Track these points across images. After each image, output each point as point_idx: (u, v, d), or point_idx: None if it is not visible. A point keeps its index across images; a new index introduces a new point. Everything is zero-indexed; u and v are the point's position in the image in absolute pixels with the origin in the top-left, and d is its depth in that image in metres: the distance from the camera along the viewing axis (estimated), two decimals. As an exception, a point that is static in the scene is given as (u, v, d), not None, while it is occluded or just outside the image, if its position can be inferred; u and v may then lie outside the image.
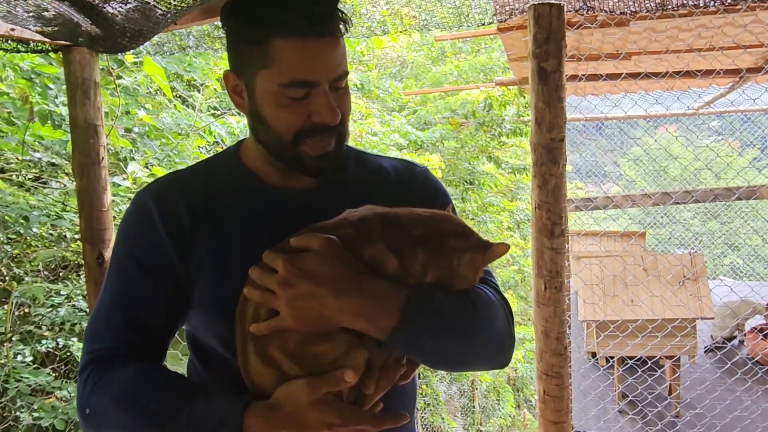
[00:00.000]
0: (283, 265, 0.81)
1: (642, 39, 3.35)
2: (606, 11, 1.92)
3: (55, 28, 1.81)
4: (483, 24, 2.25)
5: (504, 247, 0.89)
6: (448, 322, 0.85)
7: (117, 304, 0.94)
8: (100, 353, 0.92)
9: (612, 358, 3.67)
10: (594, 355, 4.16)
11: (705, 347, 4.39)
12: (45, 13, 1.66)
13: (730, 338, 4.41)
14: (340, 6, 0.91)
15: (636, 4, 1.83)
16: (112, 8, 1.49)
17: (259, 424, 0.82)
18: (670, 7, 1.86)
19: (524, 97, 6.59)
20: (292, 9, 0.86)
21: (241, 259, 0.89)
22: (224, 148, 1.13)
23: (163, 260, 0.94)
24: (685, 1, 1.84)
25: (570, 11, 1.92)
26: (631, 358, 3.50)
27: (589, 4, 1.81)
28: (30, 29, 1.94)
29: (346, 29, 0.91)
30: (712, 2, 1.84)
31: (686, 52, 3.64)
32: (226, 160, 1.04)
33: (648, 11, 1.85)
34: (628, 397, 3.58)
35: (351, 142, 4.67)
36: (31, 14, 1.67)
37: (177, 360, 3.05)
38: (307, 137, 0.92)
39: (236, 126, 4.00)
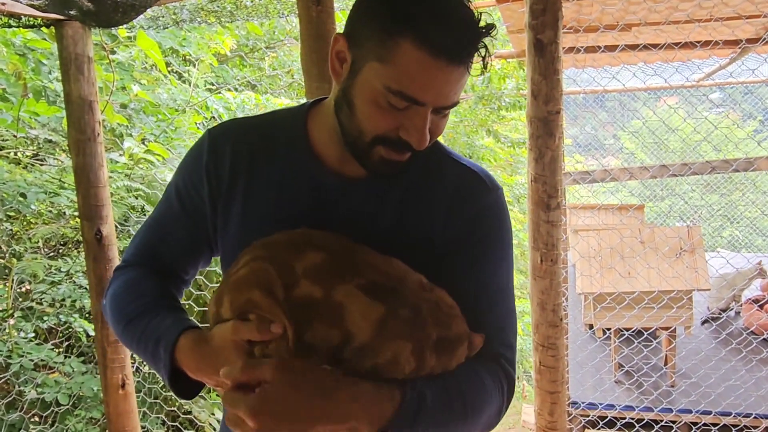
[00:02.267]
0: (246, 409, 0.73)
1: (642, 10, 3.32)
2: (603, -19, 1.89)
3: (46, 2, 1.79)
4: (479, -5, 2.23)
5: (479, 341, 0.89)
6: (437, 422, 0.81)
7: (152, 225, 1.04)
8: (128, 263, 1.04)
9: (609, 329, 3.70)
10: (591, 326, 4.20)
11: (701, 318, 4.43)
12: (35, -13, 1.64)
13: (726, 309, 4.45)
14: (486, 41, 0.83)
15: (634, -26, 1.80)
16: (103, -19, 1.47)
17: (187, 350, 0.86)
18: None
19: (523, 70, 6.54)
20: (439, 20, 0.78)
21: (268, 227, 0.90)
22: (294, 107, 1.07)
23: (199, 200, 0.99)
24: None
25: (567, -19, 1.89)
26: (627, 329, 3.53)
27: (586, -26, 1.78)
28: (21, 2, 1.92)
29: (484, 66, 0.85)
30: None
31: (686, 23, 3.60)
32: (292, 120, 1.00)
33: (646, -20, 1.83)
34: (624, 367, 3.62)
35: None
36: (21, -12, 1.65)
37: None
38: (385, 144, 0.86)
39: (233, 101, 3.98)
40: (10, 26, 2.04)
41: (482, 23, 0.82)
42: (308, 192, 0.95)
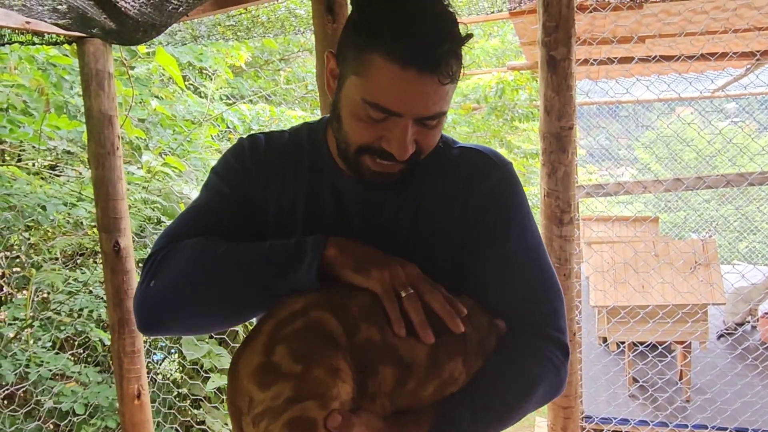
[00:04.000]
0: None
1: (656, 22, 3.32)
2: (616, -2, 1.91)
3: (69, 21, 1.84)
4: (493, 11, 2.25)
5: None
6: (483, 425, 0.87)
7: (194, 212, 1.00)
8: (167, 243, 0.95)
9: (623, 343, 3.68)
10: (605, 340, 4.17)
11: (717, 333, 4.38)
12: (60, 7, 1.68)
13: (742, 324, 4.40)
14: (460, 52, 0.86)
15: (646, -9, 1.81)
16: (126, 2, 1.51)
17: (341, 243, 0.88)
18: (681, -7, 1.84)
19: (536, 81, 6.54)
20: (407, 33, 0.80)
21: (297, 233, 0.96)
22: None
23: (242, 192, 0.99)
24: (696, -13, 1.82)
25: (580, -2, 1.91)
26: (641, 343, 3.51)
27: (599, -8, 1.80)
28: (45, 21, 1.97)
29: (456, 74, 0.85)
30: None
31: (701, 35, 3.59)
32: (314, 132, 1.04)
33: (659, -2, 1.84)
34: (638, 381, 3.60)
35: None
36: (46, 8, 1.70)
37: (193, 345, 3.11)
38: (371, 154, 0.89)
39: (248, 113, 4.03)
40: (33, 43, 2.10)
41: (455, 34, 0.84)
42: (331, 198, 0.99)
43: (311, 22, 2.09)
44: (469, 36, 0.86)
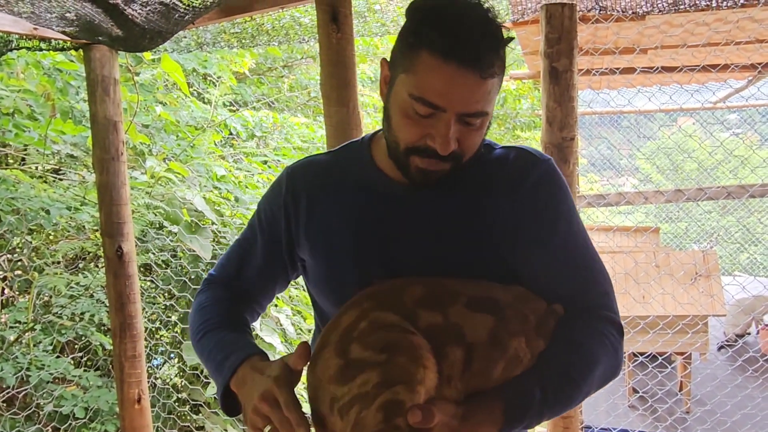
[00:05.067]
0: None
1: (658, 34, 3.34)
2: (618, 11, 1.93)
3: (77, 29, 1.86)
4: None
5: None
6: (550, 409, 0.88)
7: (237, 246, 1.17)
8: (214, 278, 1.17)
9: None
10: (605, 350, 4.16)
11: (718, 344, 4.38)
12: (68, 14, 1.70)
13: (743, 335, 4.40)
14: (503, 51, 0.91)
15: (648, 4, 1.83)
16: (133, 10, 1.53)
17: (243, 371, 0.95)
18: (683, 6, 1.86)
19: (538, 90, 6.56)
20: (451, 29, 0.87)
21: (346, 244, 1.01)
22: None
23: (276, 227, 1.11)
24: (698, 1, 1.84)
25: (582, 11, 1.93)
26: (642, 353, 3.51)
27: (601, 4, 1.82)
28: (53, 29, 1.99)
29: (498, 73, 0.90)
30: (725, 1, 1.84)
31: (702, 47, 3.61)
32: (357, 148, 1.11)
33: (661, 11, 1.85)
34: (638, 392, 3.60)
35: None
36: (54, 15, 1.72)
37: (193, 350, 3.11)
38: (418, 154, 0.94)
39: (251, 120, 4.05)
40: (40, 49, 2.12)
41: (496, 35, 0.90)
42: (379, 205, 1.03)
43: (315, 31, 2.10)
44: (510, 38, 0.92)
